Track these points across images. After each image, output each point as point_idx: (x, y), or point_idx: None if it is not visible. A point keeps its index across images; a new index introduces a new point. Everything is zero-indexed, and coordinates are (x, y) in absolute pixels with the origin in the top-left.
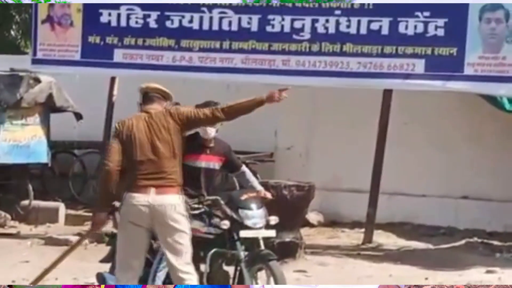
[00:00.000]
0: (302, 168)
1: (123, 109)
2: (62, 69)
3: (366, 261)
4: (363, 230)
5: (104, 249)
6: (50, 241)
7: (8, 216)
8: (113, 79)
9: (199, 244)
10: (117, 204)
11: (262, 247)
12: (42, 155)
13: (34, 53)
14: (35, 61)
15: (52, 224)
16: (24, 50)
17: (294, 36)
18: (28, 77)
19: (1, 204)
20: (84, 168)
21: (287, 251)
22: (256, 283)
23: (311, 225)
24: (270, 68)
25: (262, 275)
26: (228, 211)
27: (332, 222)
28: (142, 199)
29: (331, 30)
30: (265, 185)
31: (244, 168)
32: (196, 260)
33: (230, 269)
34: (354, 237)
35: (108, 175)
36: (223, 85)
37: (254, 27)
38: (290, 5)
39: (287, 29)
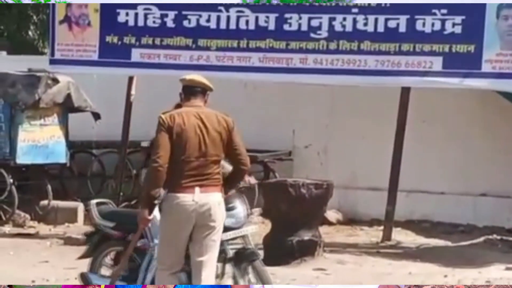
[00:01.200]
0: (320, 166)
1: (141, 108)
2: (80, 69)
3: (385, 259)
4: (382, 228)
5: None
6: (69, 241)
7: (27, 216)
8: (131, 79)
9: None
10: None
11: (251, 243)
12: (61, 155)
13: (52, 54)
14: (53, 62)
15: (71, 224)
16: (42, 51)
17: (312, 35)
18: (46, 77)
19: (20, 204)
20: (103, 168)
21: (306, 249)
22: (247, 279)
23: (330, 223)
24: (287, 66)
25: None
26: None
27: (351, 220)
28: (187, 198)
29: (349, 28)
30: (284, 184)
31: None
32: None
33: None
34: (373, 235)
35: (158, 173)
36: (241, 84)
37: (272, 26)
38: (307, 3)
39: (304, 27)
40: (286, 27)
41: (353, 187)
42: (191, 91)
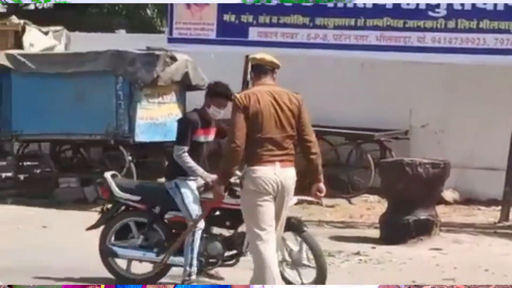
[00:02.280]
0: (437, 145)
1: None
2: (197, 47)
3: (502, 239)
4: (499, 208)
5: None
6: None
7: None
8: (247, 58)
9: (226, 214)
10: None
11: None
12: None
13: (170, 32)
14: (171, 40)
15: None
16: (159, 29)
17: (430, 13)
18: (165, 55)
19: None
20: (219, 146)
21: (422, 229)
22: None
23: (447, 203)
24: (405, 45)
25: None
26: None
27: (468, 200)
28: (269, 172)
29: (467, 6)
30: (401, 163)
31: None
32: (221, 226)
33: None
34: (490, 215)
35: (236, 153)
36: (357, 62)
37: (389, 4)
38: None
39: (422, 5)
40: (403, 5)
41: (470, 167)
42: (262, 69)
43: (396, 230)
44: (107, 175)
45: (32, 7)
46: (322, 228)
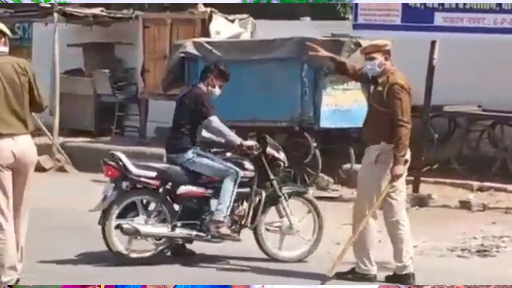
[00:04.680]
0: None
1: (442, 72)
2: (382, 33)
3: None
4: None
5: None
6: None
7: (331, 179)
8: (433, 43)
9: None
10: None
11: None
12: (363, 120)
13: (355, 18)
14: (356, 26)
15: None
16: (343, 16)
17: None
18: (350, 42)
19: (323, 167)
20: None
21: None
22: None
23: None
24: None
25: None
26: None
27: None
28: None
29: None
30: None
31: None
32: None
33: None
34: None
35: (410, 133)
36: None
37: None
38: None
39: None
40: None
41: None
42: (389, 54)
43: None
44: (121, 154)
45: None
46: (510, 216)
